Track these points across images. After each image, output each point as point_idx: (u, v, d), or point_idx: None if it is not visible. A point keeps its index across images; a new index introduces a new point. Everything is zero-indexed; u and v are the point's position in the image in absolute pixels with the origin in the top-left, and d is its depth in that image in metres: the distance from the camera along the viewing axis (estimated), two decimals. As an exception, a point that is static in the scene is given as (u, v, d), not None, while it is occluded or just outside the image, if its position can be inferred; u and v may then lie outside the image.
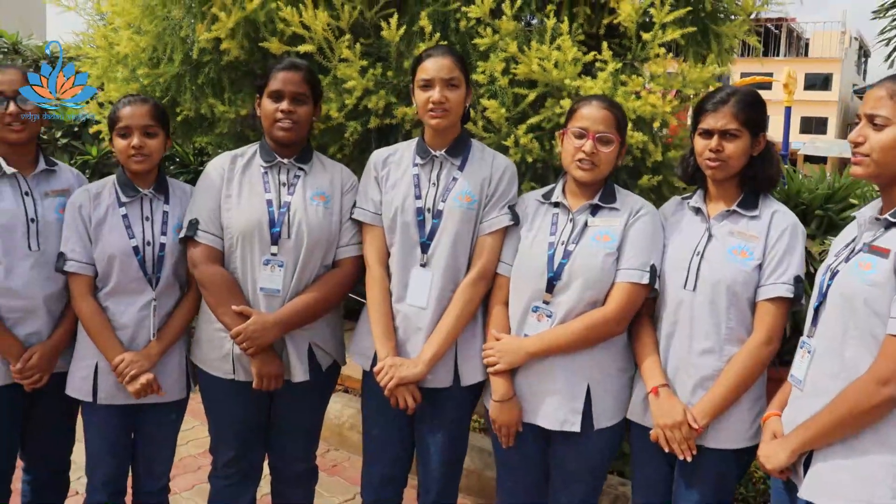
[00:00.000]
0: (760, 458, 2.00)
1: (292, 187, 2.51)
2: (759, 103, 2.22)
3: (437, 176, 2.46)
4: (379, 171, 2.52)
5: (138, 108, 2.47)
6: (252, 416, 2.59)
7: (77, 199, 2.52)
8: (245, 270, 2.46)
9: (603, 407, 2.31)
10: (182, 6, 3.05)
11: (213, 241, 2.47)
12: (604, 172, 2.30)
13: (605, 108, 2.29)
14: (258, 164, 2.53)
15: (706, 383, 2.18)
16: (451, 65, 2.38)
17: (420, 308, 2.43)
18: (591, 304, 2.27)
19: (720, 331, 2.17)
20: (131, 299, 2.50)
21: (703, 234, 2.24)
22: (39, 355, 2.50)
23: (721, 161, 2.18)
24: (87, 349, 2.52)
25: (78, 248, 2.48)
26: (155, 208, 2.55)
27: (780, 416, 2.09)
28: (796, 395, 2.01)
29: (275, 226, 2.44)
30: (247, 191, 2.49)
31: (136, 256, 2.47)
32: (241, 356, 2.46)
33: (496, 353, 2.35)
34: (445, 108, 2.36)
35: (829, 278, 1.94)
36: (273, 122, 2.45)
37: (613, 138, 2.26)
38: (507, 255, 2.44)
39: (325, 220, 2.50)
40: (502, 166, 2.49)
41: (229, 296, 2.43)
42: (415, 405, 2.41)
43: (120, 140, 2.47)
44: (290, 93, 2.43)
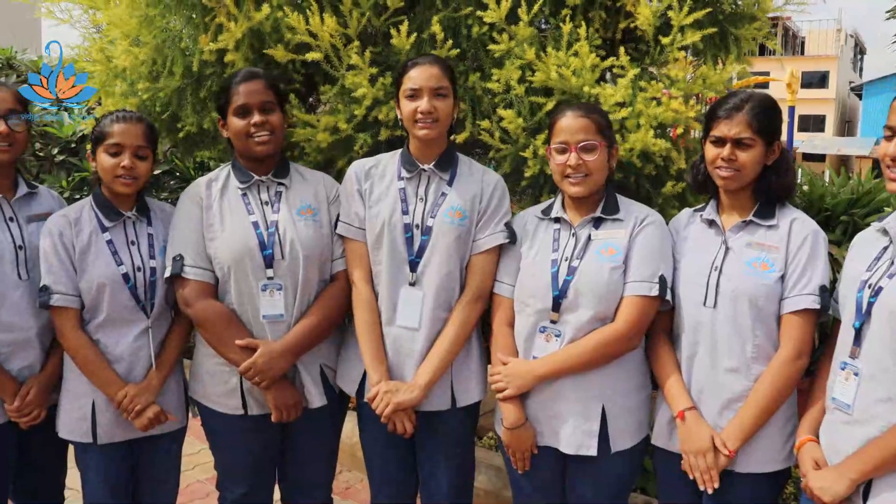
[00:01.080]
0: (815, 490, 1.88)
1: (276, 204, 2.39)
2: (775, 110, 2.13)
3: (424, 190, 2.36)
4: (362, 184, 2.40)
5: (133, 126, 2.33)
6: (265, 451, 2.48)
7: (55, 226, 2.34)
8: (242, 300, 2.34)
9: (620, 428, 2.21)
10: (182, 17, 2.93)
11: (202, 276, 2.33)
12: (598, 181, 2.21)
13: (580, 115, 2.19)
14: (235, 186, 2.40)
15: (734, 405, 2.08)
16: (440, 73, 2.28)
17: (412, 329, 2.32)
18: (601, 320, 2.17)
19: (745, 348, 2.07)
20: (124, 329, 2.35)
21: (720, 247, 2.14)
22: (36, 390, 2.38)
23: (734, 171, 2.08)
24: (79, 387, 2.37)
25: (63, 280, 2.31)
26: (139, 231, 2.41)
27: (816, 440, 1.99)
28: (840, 419, 1.90)
29: (266, 248, 2.32)
30: (229, 216, 2.36)
31: (127, 284, 2.33)
32: (253, 389, 2.35)
33: (504, 377, 2.25)
34: (434, 117, 2.26)
35: (870, 295, 1.83)
36: (246, 138, 2.33)
37: (597, 144, 2.17)
38: (506, 274, 2.34)
39: (315, 234, 2.39)
40: (493, 182, 2.40)
41: (231, 330, 2.31)
42: (412, 430, 2.31)
43: (108, 158, 2.31)
44: (258, 103, 2.32)
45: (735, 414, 2.07)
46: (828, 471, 1.89)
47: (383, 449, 2.46)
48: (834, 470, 1.87)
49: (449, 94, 2.30)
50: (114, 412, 2.34)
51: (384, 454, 2.48)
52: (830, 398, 1.94)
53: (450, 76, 2.32)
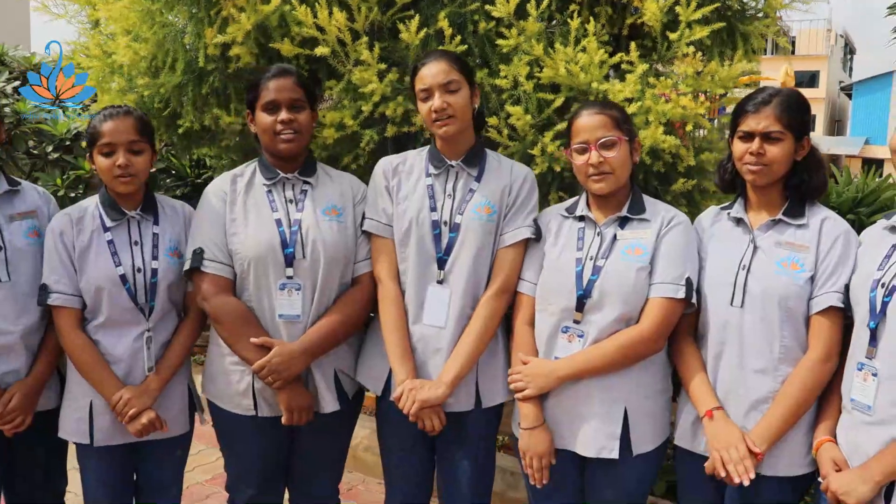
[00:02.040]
0: (838, 494, 1.84)
1: (300, 203, 2.34)
2: (804, 104, 2.09)
3: (452, 187, 2.32)
4: (390, 181, 2.37)
5: (121, 122, 2.25)
6: (275, 453, 2.43)
7: (58, 225, 2.29)
8: (261, 297, 2.29)
9: (642, 431, 2.16)
10: (185, 11, 2.87)
11: (221, 271, 2.29)
12: (621, 178, 2.17)
13: (597, 112, 2.16)
14: (260, 183, 2.36)
15: (761, 406, 2.04)
16: (447, 68, 2.23)
17: (439, 328, 2.28)
18: (625, 321, 2.13)
19: (774, 349, 2.03)
20: (124, 331, 2.30)
21: (748, 246, 2.10)
22: (20, 396, 2.30)
23: (763, 165, 2.04)
24: (78, 387, 2.32)
25: (63, 279, 2.26)
26: (144, 231, 2.34)
27: (834, 441, 1.96)
28: (860, 420, 1.88)
29: (288, 246, 2.27)
30: (253, 212, 2.32)
31: (125, 285, 2.27)
32: (264, 390, 2.30)
33: (524, 377, 2.20)
34: (449, 113, 2.22)
35: (884, 294, 1.81)
36: (273, 135, 2.28)
37: (616, 139, 2.13)
38: (530, 272, 2.29)
39: (339, 235, 2.34)
40: (522, 174, 2.35)
41: (246, 328, 2.26)
42: (440, 427, 2.26)
43: (103, 159, 2.24)
44: (287, 100, 2.27)
45: (761, 415, 2.03)
46: (850, 473, 1.86)
47: (403, 449, 2.42)
48: (857, 472, 1.84)
49: (461, 86, 2.25)
50: (111, 415, 2.28)
51: (403, 454, 2.43)
52: (849, 399, 1.91)
53: (460, 68, 2.27)
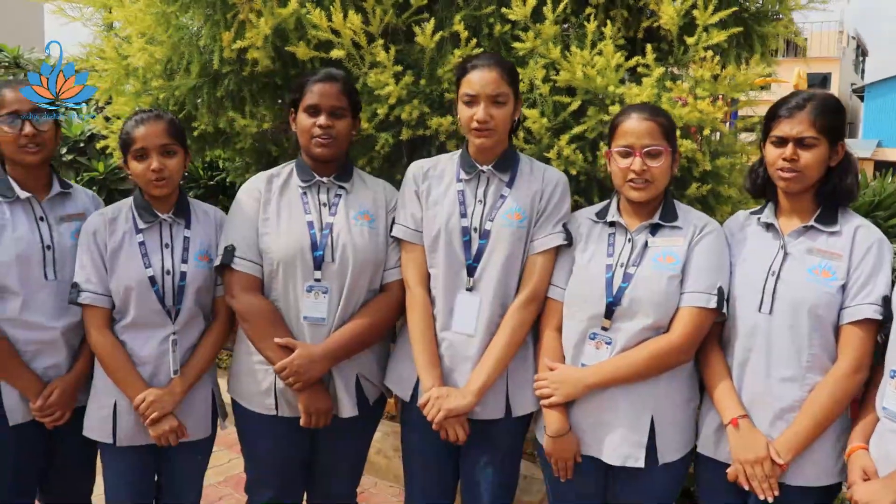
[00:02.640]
0: (860, 503, 1.82)
1: (334, 207, 2.34)
2: (839, 109, 2.05)
3: (483, 193, 2.29)
4: (419, 185, 2.35)
5: (154, 126, 2.28)
6: (295, 454, 2.42)
7: (91, 225, 2.33)
8: (287, 298, 2.29)
9: (668, 440, 2.14)
10: (201, 14, 2.88)
11: (251, 269, 2.29)
12: (660, 188, 2.13)
13: (647, 118, 2.11)
14: (296, 184, 2.36)
15: (787, 415, 2.01)
16: (499, 79, 2.19)
17: (468, 336, 2.25)
18: (655, 330, 2.11)
19: (801, 357, 2.00)
20: (150, 333, 2.32)
21: (778, 252, 2.06)
22: (60, 391, 2.34)
23: (796, 172, 2.01)
24: (104, 386, 2.34)
25: (93, 279, 2.29)
26: (175, 234, 2.36)
27: (866, 448, 1.93)
28: (891, 429, 1.85)
29: (317, 249, 2.27)
30: (286, 213, 2.32)
31: (153, 287, 2.28)
32: (286, 390, 2.29)
33: (551, 384, 2.18)
34: (490, 127, 2.19)
35: None
36: (310, 138, 2.28)
37: (663, 150, 2.09)
38: (560, 277, 2.26)
39: (370, 241, 2.33)
40: (554, 179, 2.32)
41: (272, 327, 2.26)
42: (465, 437, 2.24)
43: (137, 164, 2.27)
44: (328, 107, 2.27)
45: (787, 424, 2.01)
46: (875, 483, 1.83)
47: (427, 455, 2.39)
48: (882, 483, 1.81)
49: (508, 100, 2.21)
50: (135, 415, 2.30)
51: (427, 461, 2.41)
52: (882, 407, 1.89)
53: (510, 80, 2.24)
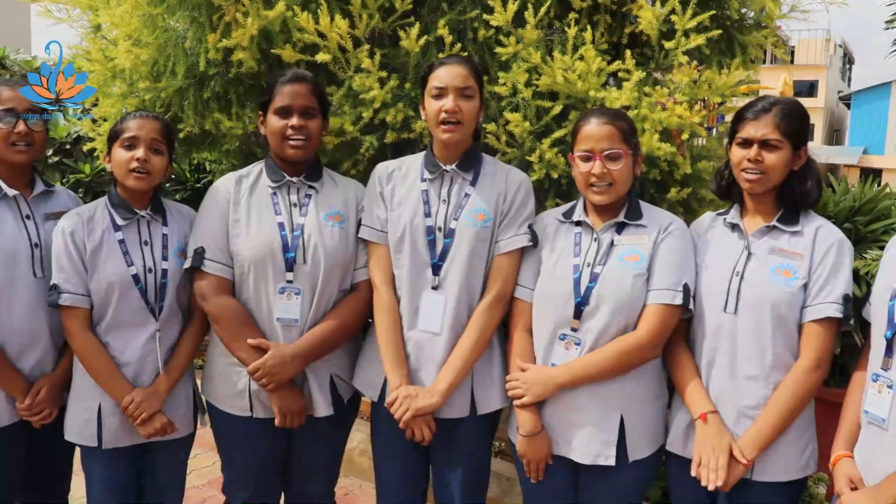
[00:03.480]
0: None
1: (304, 207, 2.35)
2: (803, 114, 2.10)
3: (447, 192, 2.32)
4: (384, 186, 2.37)
5: (149, 122, 2.31)
6: (270, 455, 2.44)
7: (68, 225, 2.31)
8: (259, 300, 2.30)
9: (637, 438, 2.17)
10: (186, 16, 2.89)
11: (222, 271, 2.30)
12: (622, 191, 2.17)
13: (606, 122, 2.15)
14: (266, 185, 2.37)
15: (751, 412, 2.06)
16: (467, 73, 2.24)
17: (433, 334, 2.28)
18: (622, 328, 2.14)
19: (765, 356, 2.04)
20: (133, 332, 2.32)
21: (742, 252, 2.11)
22: (47, 389, 2.35)
23: (760, 173, 2.06)
24: (86, 389, 2.33)
25: (73, 279, 2.28)
26: (153, 231, 2.37)
27: (851, 456, 1.95)
28: (875, 433, 1.86)
29: (289, 250, 2.28)
30: (256, 214, 2.33)
31: (137, 285, 2.29)
32: (259, 391, 2.31)
33: (522, 384, 2.21)
34: (458, 118, 2.22)
35: None
36: (282, 139, 2.30)
37: (622, 152, 2.13)
38: (527, 278, 2.30)
39: (341, 241, 2.35)
40: (517, 181, 2.35)
41: (244, 329, 2.27)
42: (431, 436, 2.27)
43: (123, 152, 2.28)
44: (299, 107, 2.29)
45: (752, 422, 2.04)
46: (864, 493, 1.84)
47: (396, 454, 2.42)
48: (870, 492, 1.82)
49: (475, 95, 2.26)
50: (120, 416, 2.30)
51: (396, 460, 2.43)
52: (864, 411, 1.91)
53: (477, 77, 2.28)
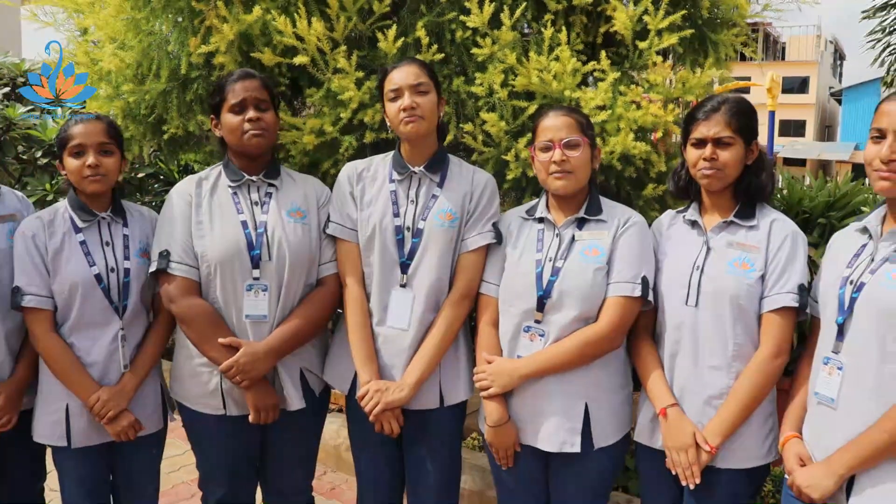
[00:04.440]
0: (803, 488, 1.91)
1: (265, 205, 2.40)
2: (751, 111, 2.18)
3: (415, 193, 2.39)
4: (354, 186, 2.43)
5: (92, 125, 2.33)
6: (244, 451, 2.49)
7: (28, 229, 2.34)
8: (227, 299, 2.35)
9: (602, 426, 2.24)
10: (169, 20, 2.95)
11: (188, 273, 2.34)
12: (581, 180, 2.25)
13: (564, 114, 2.25)
14: (226, 185, 2.42)
15: (715, 402, 2.12)
16: (418, 71, 2.32)
17: (401, 330, 2.35)
18: (584, 320, 2.21)
19: (727, 347, 2.11)
20: (98, 332, 2.35)
21: (702, 247, 2.18)
22: (6, 396, 2.36)
23: (716, 170, 2.13)
24: (53, 390, 2.36)
25: (35, 281, 2.30)
26: (114, 232, 2.41)
27: (799, 436, 2.03)
28: (824, 413, 1.94)
29: (254, 248, 2.34)
30: (219, 215, 2.37)
31: (100, 285, 2.33)
32: (232, 389, 2.36)
33: (489, 376, 2.28)
34: (418, 113, 2.28)
35: (852, 291, 1.88)
36: (241, 134, 2.34)
37: (580, 141, 2.21)
38: (492, 274, 2.37)
39: (304, 237, 2.40)
40: (482, 181, 2.42)
41: (214, 329, 2.31)
42: (399, 429, 2.34)
43: (73, 160, 2.31)
44: (253, 99, 2.34)
45: (716, 411, 2.11)
46: (815, 467, 1.91)
47: (372, 447, 2.49)
48: (821, 466, 1.90)
49: (430, 90, 2.32)
50: (88, 416, 2.33)
51: (372, 452, 2.50)
52: (813, 393, 1.98)
53: (429, 74, 2.35)
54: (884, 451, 1.78)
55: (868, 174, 1.92)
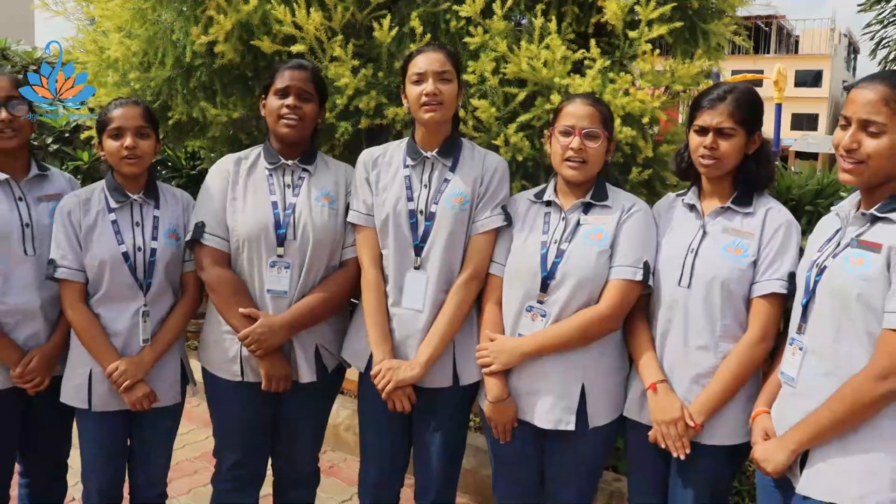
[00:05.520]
0: (759, 461, 1.99)
1: (297, 188, 2.51)
2: (756, 102, 2.21)
3: (428, 177, 2.46)
4: (369, 172, 2.52)
5: (131, 109, 2.45)
6: (258, 419, 2.59)
7: (66, 206, 2.49)
8: (252, 272, 2.47)
9: (598, 406, 2.31)
10: (173, 10, 3.05)
11: (219, 244, 2.47)
12: (593, 170, 2.31)
13: (589, 104, 2.30)
14: (263, 166, 2.53)
15: (702, 380, 2.19)
16: (444, 59, 2.38)
17: (416, 311, 2.43)
18: (585, 302, 2.28)
19: (715, 328, 2.17)
20: (123, 306, 2.48)
21: (698, 231, 2.24)
22: (39, 358, 2.50)
23: (715, 159, 2.17)
24: (80, 356, 2.50)
25: (69, 255, 2.45)
26: (145, 213, 2.53)
27: (769, 412, 2.10)
28: (787, 392, 2.01)
29: (280, 227, 2.44)
30: (252, 193, 2.49)
31: (127, 262, 2.45)
32: (250, 357, 2.47)
33: (490, 353, 2.35)
34: (439, 100, 2.35)
35: (815, 274, 1.94)
36: (278, 118, 2.45)
37: (600, 133, 2.27)
38: (500, 255, 2.44)
39: (330, 220, 2.50)
40: (493, 164, 2.48)
41: (237, 298, 2.43)
42: (411, 407, 2.42)
43: (112, 142, 2.44)
44: (297, 89, 2.44)
45: (702, 389, 2.18)
46: (771, 443, 1.99)
47: (381, 424, 2.55)
48: (777, 442, 1.97)
49: (453, 78, 2.38)
50: (109, 383, 2.45)
51: (381, 429, 2.57)
52: (780, 372, 2.05)
53: (454, 63, 2.41)
54: (831, 429, 1.85)
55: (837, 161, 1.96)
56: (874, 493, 1.79)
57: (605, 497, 3.30)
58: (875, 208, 1.87)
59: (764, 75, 21.16)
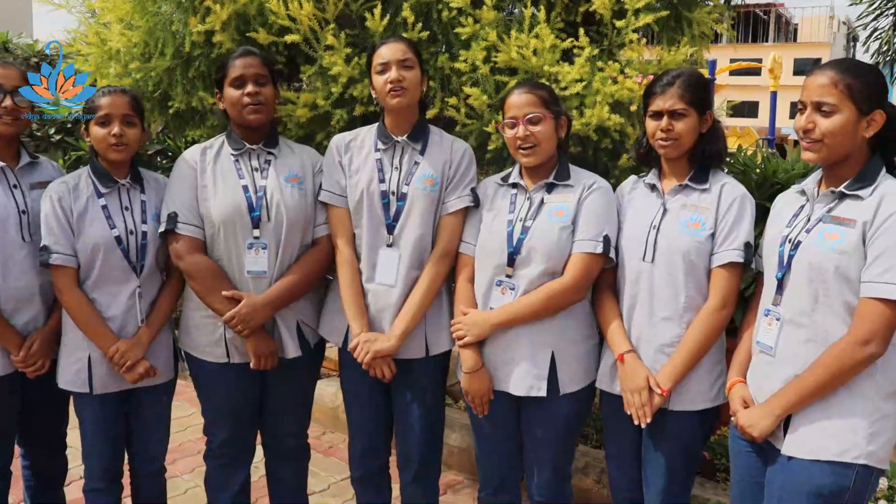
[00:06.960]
0: (745, 427, 2.08)
1: (265, 171, 2.60)
2: (703, 84, 2.35)
3: (399, 160, 2.58)
4: (342, 156, 2.63)
5: (118, 97, 2.52)
6: (245, 397, 2.70)
7: (55, 192, 2.53)
8: (230, 256, 2.55)
9: (568, 373, 2.43)
10: (173, 1, 3.13)
11: (194, 232, 2.54)
12: (547, 151, 2.43)
13: (525, 91, 2.42)
14: (228, 153, 2.61)
15: (667, 349, 2.31)
16: (405, 48, 2.51)
17: (389, 286, 2.55)
18: (550, 275, 2.40)
19: (679, 299, 2.29)
20: (117, 289, 2.55)
21: (659, 208, 2.36)
22: (40, 342, 2.58)
23: (672, 140, 2.30)
24: (76, 341, 2.57)
25: (61, 241, 2.50)
26: (133, 198, 2.60)
27: (744, 381, 2.20)
28: (764, 360, 2.11)
29: (254, 210, 2.53)
30: (221, 180, 2.57)
31: (120, 246, 2.52)
32: (235, 339, 2.57)
33: (464, 326, 2.48)
34: (403, 86, 2.47)
35: (791, 248, 2.04)
36: (241, 107, 2.53)
37: (542, 116, 2.38)
38: (470, 235, 2.57)
39: (300, 200, 2.60)
40: (461, 150, 2.62)
41: (218, 283, 2.52)
42: (391, 375, 2.54)
43: (99, 129, 2.50)
44: (252, 75, 2.53)
45: (668, 358, 2.29)
46: (755, 409, 2.09)
47: (362, 396, 2.70)
48: (760, 408, 2.08)
49: (415, 65, 2.51)
50: (108, 365, 2.54)
51: (363, 401, 2.71)
52: (756, 342, 2.15)
53: (414, 51, 2.54)
54: (814, 393, 1.96)
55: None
56: (854, 447, 1.92)
57: (581, 466, 3.43)
58: (844, 186, 1.98)
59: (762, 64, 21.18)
